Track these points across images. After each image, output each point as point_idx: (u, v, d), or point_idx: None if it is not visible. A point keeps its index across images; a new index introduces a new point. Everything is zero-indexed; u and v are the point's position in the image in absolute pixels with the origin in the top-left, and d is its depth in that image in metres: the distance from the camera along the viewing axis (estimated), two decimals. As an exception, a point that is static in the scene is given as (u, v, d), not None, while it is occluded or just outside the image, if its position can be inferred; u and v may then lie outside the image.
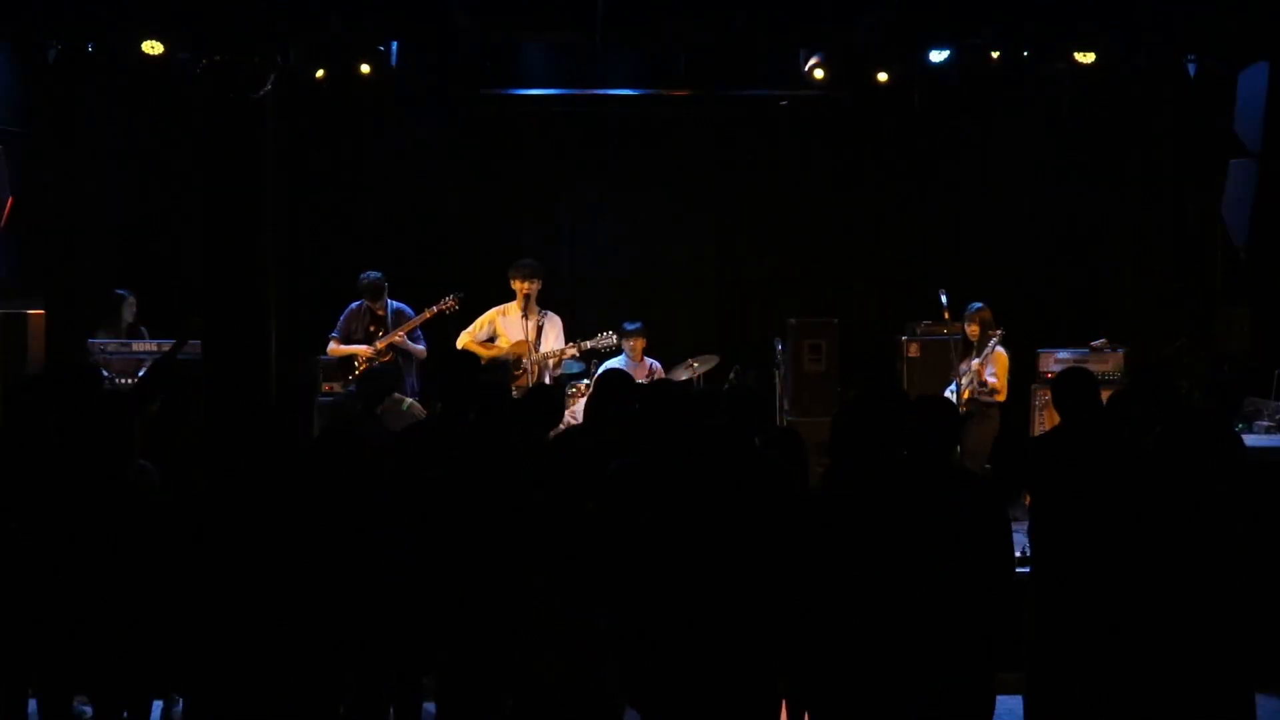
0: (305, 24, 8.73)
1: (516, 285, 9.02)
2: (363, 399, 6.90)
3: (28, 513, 5.10)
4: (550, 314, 9.13)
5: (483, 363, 8.71)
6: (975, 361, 9.22)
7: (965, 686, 4.52)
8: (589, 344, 9.04)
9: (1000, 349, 9.27)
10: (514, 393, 7.93)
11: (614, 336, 9.12)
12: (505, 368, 8.83)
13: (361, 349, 9.05)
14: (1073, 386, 5.20)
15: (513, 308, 9.09)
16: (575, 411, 8.62)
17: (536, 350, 8.95)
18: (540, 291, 9.07)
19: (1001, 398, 9.31)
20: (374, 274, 9.19)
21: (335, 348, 9.13)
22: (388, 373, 8.22)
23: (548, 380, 8.87)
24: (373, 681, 5.16)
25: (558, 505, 5.05)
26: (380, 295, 9.14)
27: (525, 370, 8.92)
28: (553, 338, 9.04)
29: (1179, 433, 5.44)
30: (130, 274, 10.02)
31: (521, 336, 8.99)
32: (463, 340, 9.14)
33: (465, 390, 5.58)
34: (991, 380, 9.20)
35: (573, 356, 9.09)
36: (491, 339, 9.12)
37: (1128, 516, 5.04)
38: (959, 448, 7.61)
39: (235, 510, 5.10)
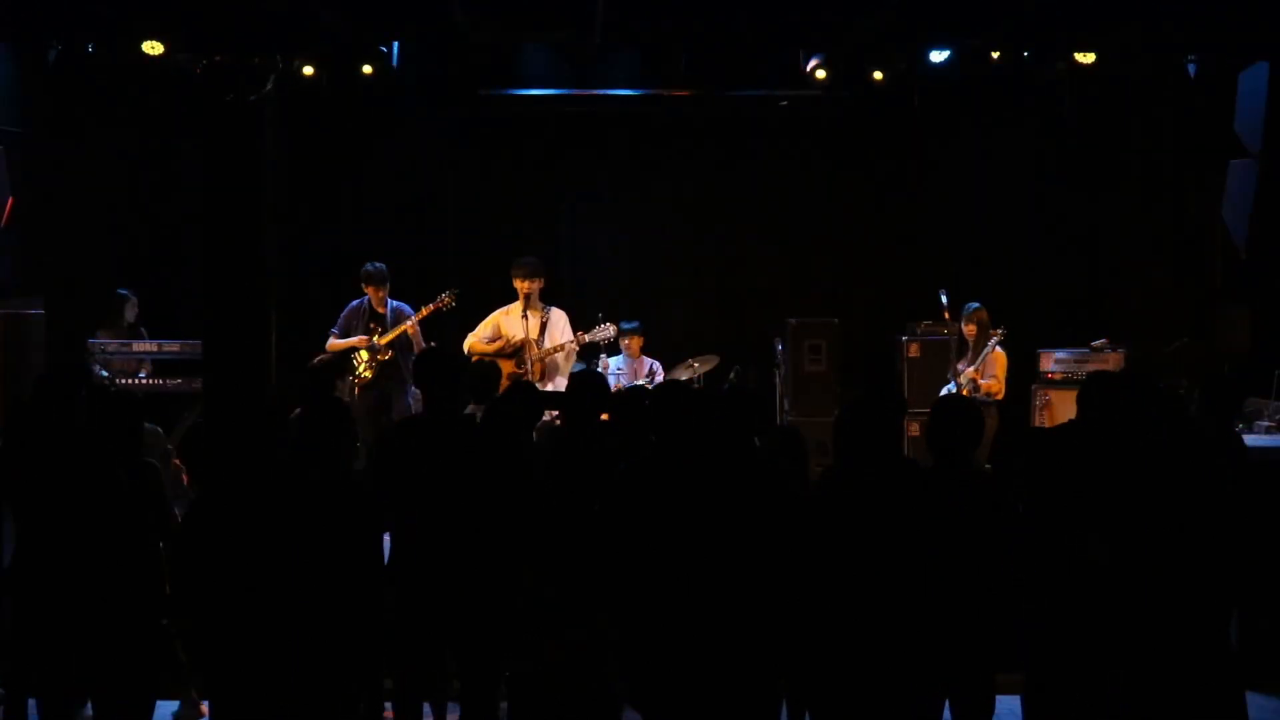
0: (305, 24, 8.73)
1: (518, 284, 9.03)
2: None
3: (30, 513, 5.10)
4: (553, 309, 9.14)
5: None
6: (970, 369, 9.20)
7: (965, 686, 4.53)
8: (587, 336, 9.05)
9: (999, 349, 9.26)
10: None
11: (611, 329, 9.11)
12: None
13: (360, 339, 9.07)
14: (1102, 391, 5.18)
15: (515, 307, 9.10)
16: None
17: (539, 347, 8.96)
18: (541, 290, 9.08)
19: (999, 398, 9.30)
20: (378, 264, 9.21)
21: (334, 343, 9.14)
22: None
23: (559, 376, 8.87)
24: (378, 686, 5.16)
25: (563, 506, 5.05)
26: (384, 284, 9.16)
27: (527, 369, 8.92)
28: (558, 333, 9.05)
29: (1179, 433, 5.44)
30: (130, 274, 10.03)
31: (523, 335, 9.00)
32: (469, 342, 9.15)
33: (452, 387, 5.54)
34: (986, 384, 9.18)
35: (573, 350, 9.09)
36: (495, 339, 9.13)
37: (1127, 516, 5.04)
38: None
39: (235, 509, 5.09)
